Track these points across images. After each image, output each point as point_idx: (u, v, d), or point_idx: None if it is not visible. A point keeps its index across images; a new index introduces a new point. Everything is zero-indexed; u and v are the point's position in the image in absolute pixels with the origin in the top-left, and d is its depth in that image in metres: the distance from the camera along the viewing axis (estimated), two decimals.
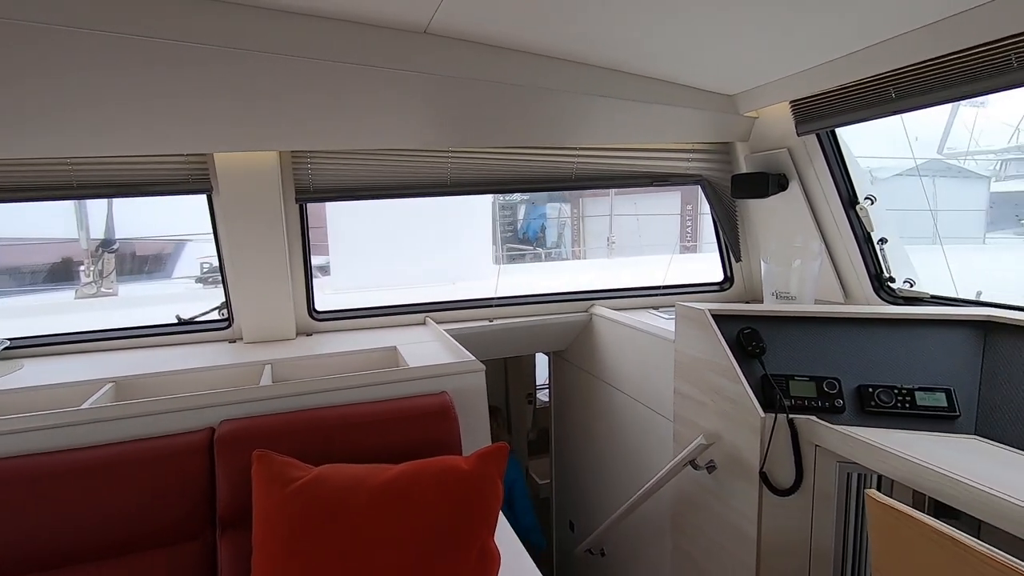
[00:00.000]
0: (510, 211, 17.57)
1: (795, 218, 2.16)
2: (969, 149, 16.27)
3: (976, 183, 12.47)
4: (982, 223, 11.90)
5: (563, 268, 7.89)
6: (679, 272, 2.81)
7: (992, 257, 8.15)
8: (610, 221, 10.04)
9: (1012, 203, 12.07)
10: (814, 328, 1.67)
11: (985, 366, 1.51)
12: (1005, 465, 1.26)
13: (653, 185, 2.24)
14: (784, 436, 1.55)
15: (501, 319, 2.49)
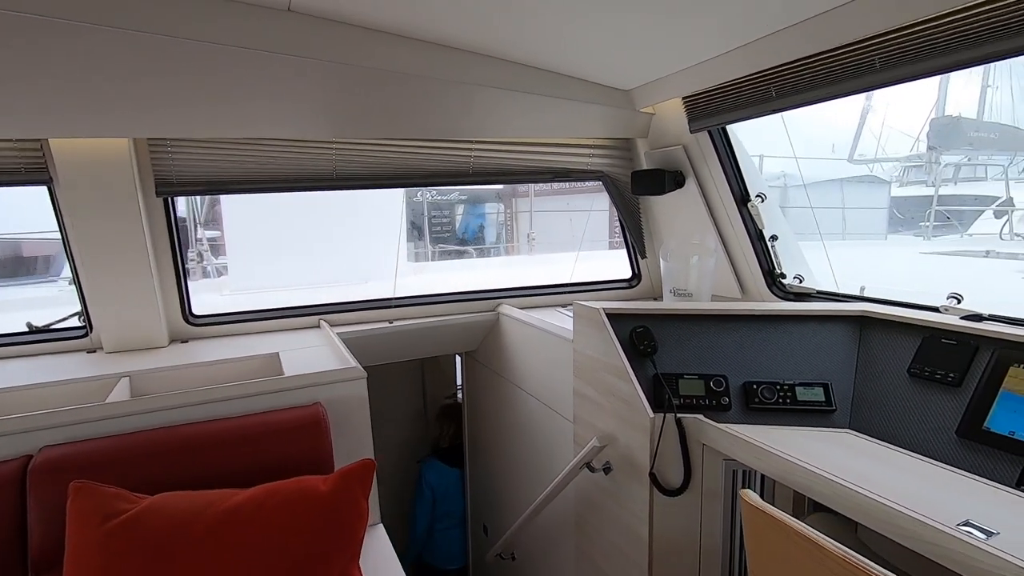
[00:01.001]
0: (448, 211, 17.38)
1: (692, 215, 2.17)
2: (876, 156, 17.53)
3: (880, 187, 13.46)
4: (885, 223, 12.86)
5: (490, 265, 7.84)
6: (600, 269, 2.79)
7: (890, 253, 8.79)
8: (530, 218, 10.08)
9: (912, 206, 13.12)
10: (704, 326, 1.66)
11: (860, 360, 1.55)
12: (872, 460, 1.28)
13: (554, 181, 2.19)
14: (673, 436, 1.53)
15: (404, 320, 2.37)
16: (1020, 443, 1.18)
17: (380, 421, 3.46)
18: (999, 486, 1.16)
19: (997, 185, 13.23)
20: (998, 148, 14.79)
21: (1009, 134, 15.08)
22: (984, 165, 14.78)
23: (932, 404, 1.35)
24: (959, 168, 14.55)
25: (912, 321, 1.48)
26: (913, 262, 6.22)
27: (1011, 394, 1.24)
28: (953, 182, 13.98)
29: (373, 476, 1.17)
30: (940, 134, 15.09)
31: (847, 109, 16.47)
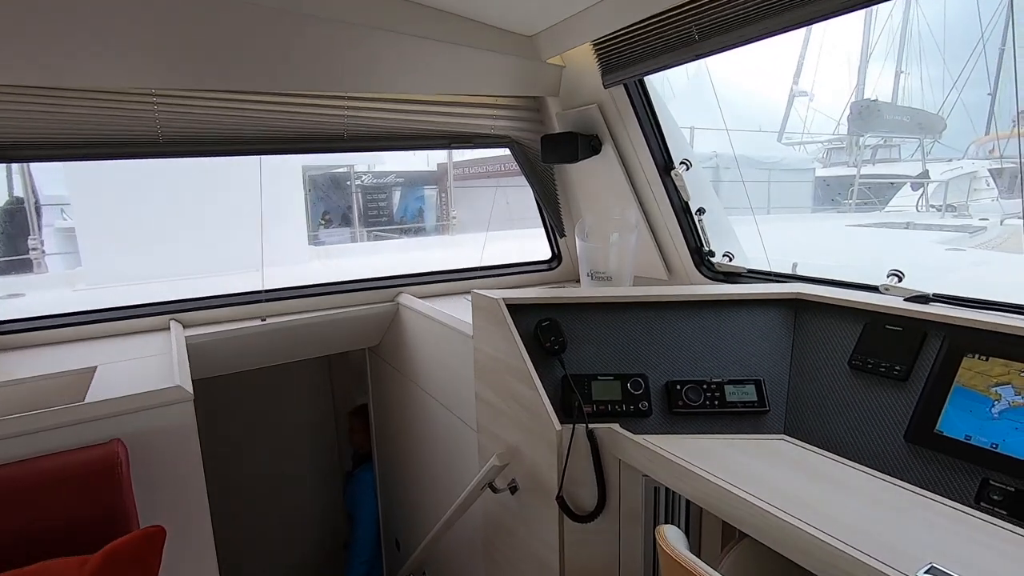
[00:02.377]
0: (384, 194, 16.69)
1: (612, 186, 1.91)
2: (803, 139, 18.16)
3: (803, 169, 13.93)
4: (809, 200, 13.34)
5: (422, 246, 7.44)
6: (531, 249, 2.51)
7: (817, 227, 9.04)
8: (449, 194, 9.71)
9: (834, 185, 13.68)
10: (621, 315, 1.41)
11: (795, 351, 1.34)
12: (809, 476, 1.06)
13: (452, 147, 1.87)
14: (585, 450, 1.27)
15: (286, 316, 2.00)
16: (977, 450, 0.99)
17: (278, 434, 3.09)
18: (956, 506, 0.97)
19: (909, 165, 13.99)
20: (909, 131, 15.64)
21: (920, 117, 15.97)
22: (898, 146, 15.61)
23: (876, 402, 1.15)
24: (876, 149, 15.32)
25: (851, 304, 1.28)
26: (839, 235, 6.34)
27: (965, 389, 1.05)
28: (871, 163, 14.70)
29: (161, 552, 0.84)
30: (859, 117, 15.81)
31: (777, 91, 16.93)
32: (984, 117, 16.15)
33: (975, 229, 4.90)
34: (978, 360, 1.06)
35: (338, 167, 13.22)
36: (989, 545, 0.84)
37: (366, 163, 16.21)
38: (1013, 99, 15.54)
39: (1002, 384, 1.01)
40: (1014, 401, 0.99)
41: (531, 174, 2.03)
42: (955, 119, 15.83)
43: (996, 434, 0.98)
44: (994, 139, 15.31)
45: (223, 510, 2.31)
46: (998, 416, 0.99)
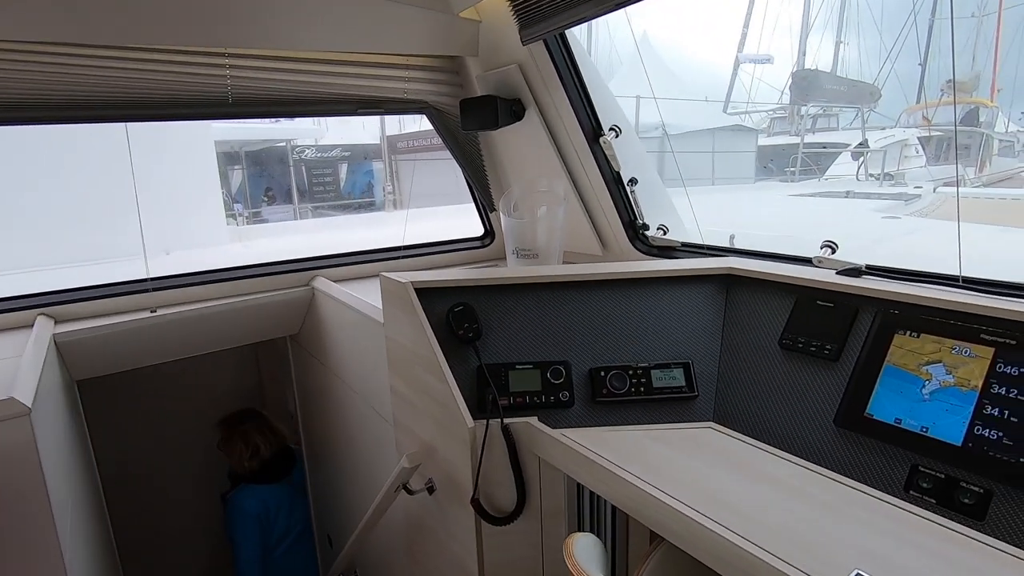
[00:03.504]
0: (329, 168, 15.99)
1: (539, 156, 1.77)
2: (748, 109, 18.48)
3: (748, 135, 14.18)
4: (753, 169, 13.62)
5: (368, 222, 7.15)
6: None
7: (760, 196, 9.20)
8: (387, 168, 9.39)
9: (778, 154, 13.99)
10: (542, 297, 1.28)
11: (726, 330, 1.25)
12: (735, 471, 0.98)
13: (359, 113, 1.68)
14: (501, 448, 1.15)
15: (180, 307, 1.79)
16: (907, 434, 0.93)
17: (190, 433, 2.79)
18: (886, 498, 0.90)
19: (848, 134, 14.45)
20: (848, 100, 16.14)
21: (858, 87, 16.49)
22: (836, 115, 16.11)
23: (807, 385, 1.08)
24: (816, 119, 15.75)
25: (782, 279, 1.20)
26: (781, 205, 6.45)
27: (896, 369, 0.98)
28: (812, 131, 15.11)
29: None
30: (800, 87, 16.17)
31: (722, 62, 17.04)
32: (915, 86, 16.82)
33: (910, 197, 5.06)
34: (909, 337, 0.99)
35: (277, 141, 12.52)
36: (918, 544, 0.78)
37: (312, 136, 15.53)
38: (942, 69, 16.20)
39: (933, 363, 0.95)
40: (944, 381, 0.92)
41: (453, 144, 1.87)
42: (889, 89, 16.42)
43: (926, 417, 0.92)
44: (924, 108, 16.01)
45: (122, 519, 2.12)
46: (928, 397, 0.93)
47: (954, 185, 6.80)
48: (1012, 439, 0.83)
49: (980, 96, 15.87)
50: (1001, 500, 0.82)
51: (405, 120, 11.19)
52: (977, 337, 0.92)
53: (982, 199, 4.41)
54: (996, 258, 1.16)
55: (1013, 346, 0.88)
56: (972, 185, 10.56)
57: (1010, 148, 14.87)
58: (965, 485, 0.85)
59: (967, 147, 14.62)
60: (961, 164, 13.57)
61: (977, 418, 0.87)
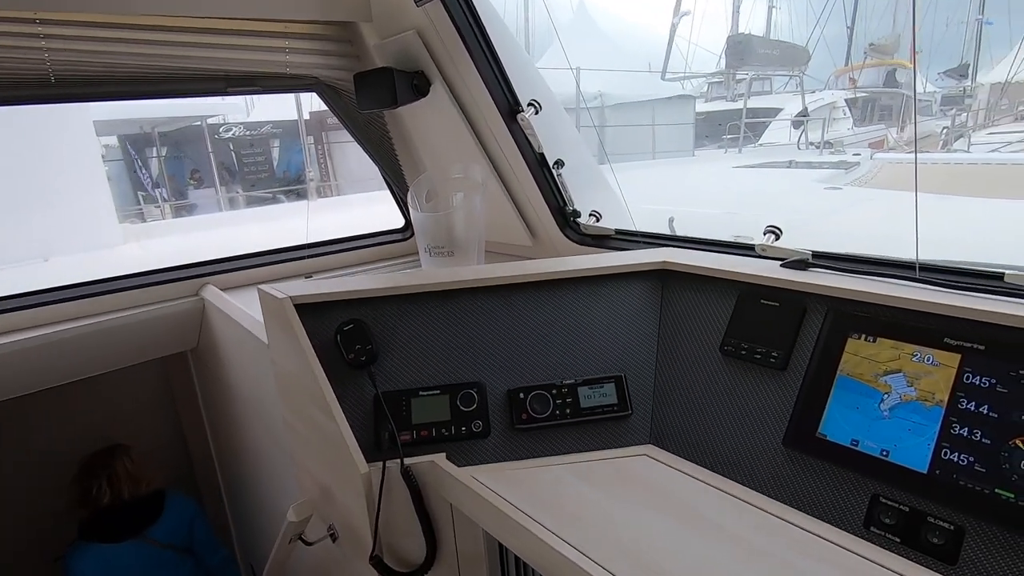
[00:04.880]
0: (260, 148, 15.03)
1: (451, 137, 1.56)
2: (685, 74, 18.57)
3: (687, 103, 14.24)
4: (692, 139, 13.73)
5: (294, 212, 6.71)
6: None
7: (703, 169, 9.24)
8: (305, 152, 8.92)
9: (715, 120, 14.13)
10: (450, 307, 1.09)
11: (662, 334, 1.10)
12: (673, 511, 0.83)
13: (229, 93, 1.41)
14: (405, 493, 0.97)
15: (49, 327, 1.50)
16: (865, 458, 0.80)
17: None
18: (844, 538, 0.77)
19: (781, 97, 14.74)
20: (781, 64, 16.46)
21: (790, 51, 16.82)
22: (770, 79, 16.42)
23: (752, 398, 0.94)
24: (751, 83, 16.01)
25: (721, 274, 1.04)
26: (725, 178, 6.44)
27: (850, 380, 0.85)
28: (748, 96, 15.36)
29: None
30: (735, 51, 16.36)
31: (659, 26, 17.05)
32: (842, 49, 17.33)
33: (850, 165, 5.11)
34: (864, 342, 0.85)
35: (194, 119, 11.57)
36: None
37: (238, 112, 14.53)
38: (868, 33, 16.74)
39: (892, 372, 0.81)
40: (905, 394, 0.79)
41: (354, 126, 1.62)
42: (817, 53, 16.84)
43: (886, 438, 0.79)
44: (851, 70, 16.54)
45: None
46: (888, 414, 0.80)
47: (887, 151, 6.98)
48: (984, 465, 0.71)
49: (900, 58, 16.54)
50: (974, 539, 0.69)
51: None
52: (940, 342, 0.79)
53: (928, 165, 4.49)
54: (944, 232, 1.05)
55: (982, 352, 0.75)
56: (896, 145, 10.95)
57: (928, 108, 15.61)
58: (933, 520, 0.72)
59: (889, 108, 15.25)
60: (884, 124, 14.14)
61: (944, 439, 0.75)
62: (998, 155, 6.85)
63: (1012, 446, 0.70)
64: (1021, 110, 12.43)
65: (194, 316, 1.78)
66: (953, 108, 14.87)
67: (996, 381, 0.73)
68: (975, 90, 14.53)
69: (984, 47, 15.98)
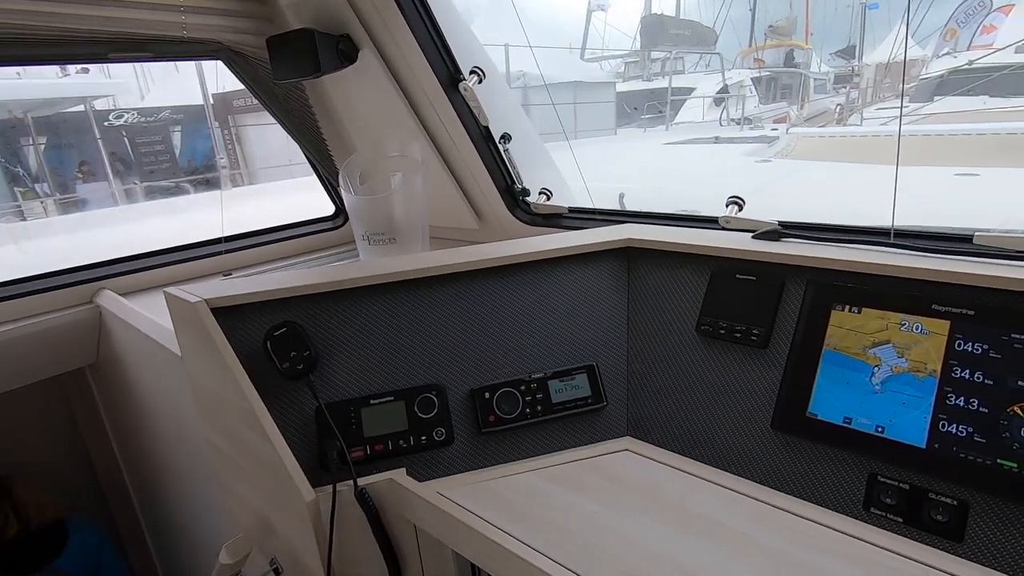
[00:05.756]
0: (159, 135, 13.75)
1: (385, 111, 1.40)
2: (603, 55, 18.82)
3: (606, 85, 14.45)
4: (613, 118, 13.96)
5: (200, 204, 6.18)
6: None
7: (633, 147, 9.38)
8: (214, 136, 8.38)
9: (634, 101, 14.45)
10: (400, 299, 0.96)
11: (631, 317, 1.02)
12: (658, 513, 0.75)
13: (111, 60, 1.18)
14: (360, 518, 0.84)
15: None
16: (861, 435, 0.76)
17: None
18: (844, 522, 0.73)
19: (693, 77, 15.28)
20: (691, 43, 17.03)
21: (699, 31, 17.44)
22: (682, 59, 16.96)
23: (735, 380, 0.88)
24: (664, 63, 16.48)
25: (692, 249, 0.98)
26: (658, 154, 6.56)
27: (838, 354, 0.80)
28: (662, 76, 15.80)
29: None
30: (648, 31, 16.76)
31: (577, 6, 17.14)
32: (746, 30, 18.20)
33: (771, 139, 5.33)
34: (849, 313, 0.81)
35: (74, 101, 10.30)
36: None
37: (133, 96, 13.17)
38: (769, 14, 17.65)
39: (880, 344, 0.78)
40: (897, 366, 0.76)
41: (270, 100, 1.42)
42: (725, 34, 17.59)
43: (881, 413, 0.75)
44: (755, 50, 17.42)
45: None
46: (880, 388, 0.76)
47: (795, 125, 7.36)
48: (984, 435, 0.68)
49: (797, 39, 17.59)
50: (980, 513, 0.67)
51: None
52: (928, 308, 0.76)
53: (840, 138, 4.76)
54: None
55: (971, 317, 0.73)
56: (798, 121, 11.64)
57: (823, 86, 16.75)
58: (935, 497, 0.69)
59: (789, 87, 16.21)
60: (786, 102, 15.02)
61: (940, 411, 0.71)
62: (883, 128, 7.33)
63: (1011, 413, 0.67)
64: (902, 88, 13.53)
65: (90, 327, 1.53)
66: (845, 87, 16.03)
67: (988, 347, 0.71)
68: (862, 69, 15.71)
69: (868, 29, 17.25)
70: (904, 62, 5.45)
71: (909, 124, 5.92)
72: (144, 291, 1.52)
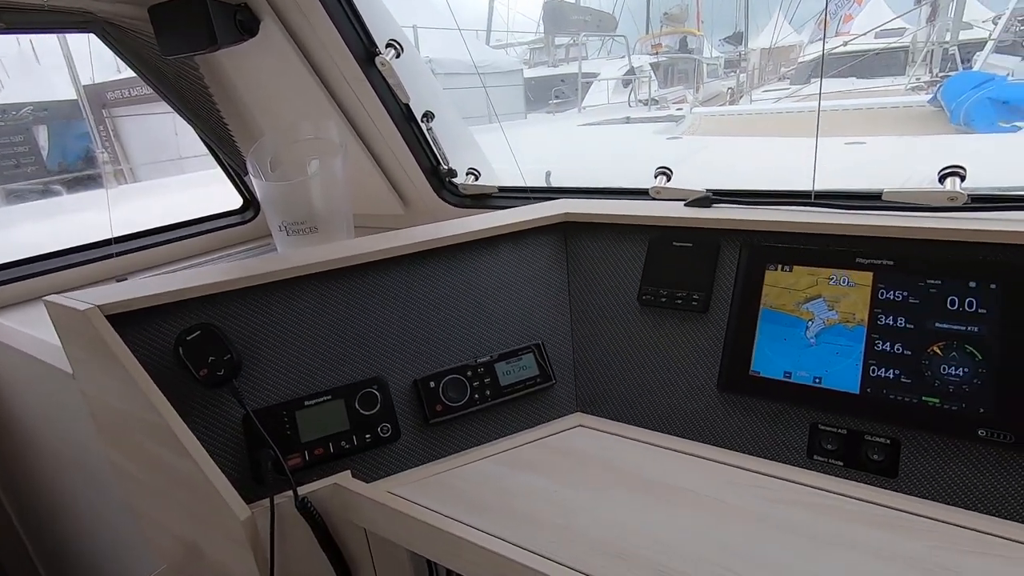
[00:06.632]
0: (21, 135, 12.18)
1: (295, 89, 1.30)
2: (508, 41, 18.83)
3: (513, 71, 14.51)
4: (523, 103, 14.07)
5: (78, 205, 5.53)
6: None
7: (540, 129, 9.46)
8: (92, 128, 7.75)
9: (541, 86, 14.62)
10: (330, 290, 0.88)
11: (573, 291, 1.01)
12: (609, 483, 0.75)
13: None
14: (304, 530, 0.77)
15: None
16: (800, 388, 0.79)
17: None
18: (790, 473, 0.76)
19: (596, 63, 15.69)
20: (592, 29, 17.46)
21: (600, 17, 17.90)
22: (584, 44, 17.36)
23: (679, 346, 0.89)
24: (568, 49, 16.80)
25: (629, 219, 0.98)
26: (575, 136, 6.65)
27: (774, 312, 0.83)
28: (567, 62, 16.10)
29: None
30: (551, 17, 16.99)
31: None
32: (643, 18, 18.94)
33: (677, 118, 5.57)
34: (781, 272, 0.84)
35: None
36: (852, 543, 0.63)
37: None
38: (662, 2, 18.43)
39: (812, 299, 0.81)
40: (828, 319, 0.80)
41: (155, 80, 1.27)
42: (624, 21, 18.19)
43: (817, 365, 0.79)
44: (651, 37, 18.18)
45: None
46: (815, 341, 0.79)
47: (697, 103, 7.76)
48: (910, 376, 0.73)
49: (690, 26, 18.56)
50: (911, 448, 0.71)
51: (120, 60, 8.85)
52: (853, 262, 0.80)
53: (739, 116, 5.07)
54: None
55: (892, 267, 0.77)
56: (695, 103, 12.32)
57: (715, 71, 17.82)
58: (871, 438, 0.73)
59: (685, 72, 17.11)
60: (683, 86, 15.86)
61: (870, 357, 0.76)
62: (774, 105, 7.86)
63: (931, 353, 0.72)
64: (783, 71, 14.67)
65: None
66: (735, 71, 17.13)
67: (908, 293, 0.75)
68: (748, 55, 16.85)
69: (753, 17, 18.45)
70: (823, 54, 5.81)
71: (794, 103, 6.41)
72: (19, 304, 1.32)
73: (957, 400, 0.69)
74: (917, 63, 10.75)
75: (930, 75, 9.65)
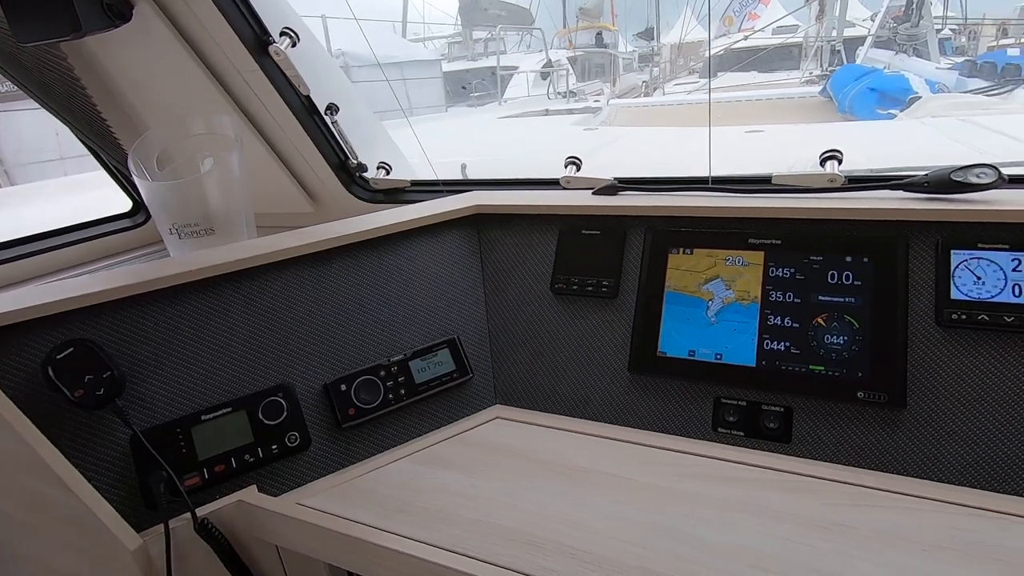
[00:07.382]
0: None
1: (182, 81, 1.20)
2: (425, 35, 18.53)
3: (431, 65, 14.34)
4: (443, 97, 13.94)
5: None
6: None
7: (461, 122, 9.40)
8: None
9: (459, 80, 14.52)
10: (228, 295, 0.83)
11: (487, 283, 1.00)
12: (526, 474, 0.75)
13: None
14: (206, 553, 0.72)
15: None
16: (703, 365, 0.82)
17: None
18: (698, 447, 0.79)
19: (514, 56, 15.81)
20: (509, 23, 17.55)
21: (515, 12, 17.99)
22: (503, 39, 17.44)
23: (591, 333, 0.91)
24: (487, 43, 16.81)
25: (539, 210, 0.98)
26: (495, 128, 6.63)
27: (678, 294, 0.86)
28: (486, 56, 16.11)
29: None
30: (467, 11, 16.91)
31: None
32: (560, 13, 19.24)
33: (594, 110, 5.71)
34: (683, 255, 0.87)
35: None
36: (756, 509, 0.67)
37: None
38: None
39: (711, 280, 0.85)
40: (726, 298, 0.84)
41: (11, 70, 1.13)
42: (540, 15, 18.40)
43: (718, 342, 0.82)
44: (568, 32, 18.54)
45: None
46: (715, 320, 0.83)
47: (614, 96, 8.00)
48: (798, 347, 0.78)
49: (604, 21, 19.07)
50: (801, 414, 0.76)
51: None
52: (745, 243, 0.84)
53: (652, 107, 5.26)
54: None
55: (780, 246, 0.82)
56: (611, 96, 12.71)
57: (631, 64, 18.44)
58: (767, 408, 0.78)
59: (602, 66, 17.62)
60: (600, 80, 16.32)
61: (764, 332, 0.80)
62: (687, 97, 8.28)
63: (816, 324, 0.78)
64: (692, 65, 15.43)
65: None
66: (648, 65, 17.80)
67: (795, 270, 0.80)
68: (661, 49, 17.56)
69: (663, 13, 19.20)
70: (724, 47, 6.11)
71: (701, 94, 6.74)
72: None
73: (839, 367, 0.75)
74: (809, 58, 11.65)
75: (820, 69, 10.50)
